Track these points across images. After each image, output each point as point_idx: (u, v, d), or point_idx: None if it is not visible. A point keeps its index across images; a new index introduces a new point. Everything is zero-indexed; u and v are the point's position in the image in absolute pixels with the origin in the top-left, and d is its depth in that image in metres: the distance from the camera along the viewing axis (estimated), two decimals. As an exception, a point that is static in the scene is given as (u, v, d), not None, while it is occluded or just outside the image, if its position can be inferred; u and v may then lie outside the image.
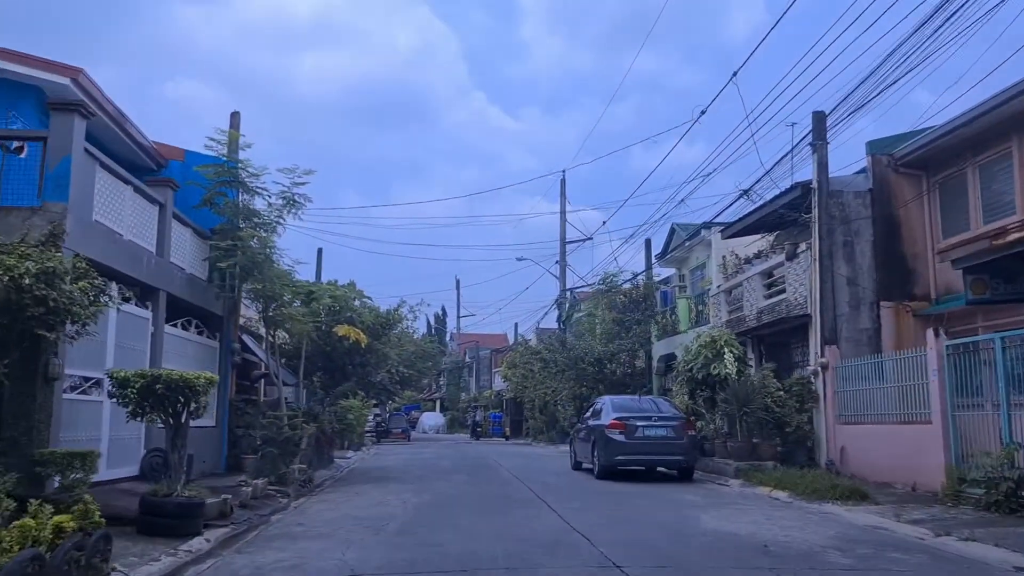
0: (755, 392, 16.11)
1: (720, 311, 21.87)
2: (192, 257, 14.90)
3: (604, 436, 16.15)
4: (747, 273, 19.93)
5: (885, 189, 16.77)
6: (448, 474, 18.11)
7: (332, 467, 19.35)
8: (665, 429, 16.02)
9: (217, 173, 15.28)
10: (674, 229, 28.11)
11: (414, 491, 14.12)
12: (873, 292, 16.51)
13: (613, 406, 16.84)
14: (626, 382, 27.03)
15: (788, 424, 16.10)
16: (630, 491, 14.03)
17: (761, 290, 19.14)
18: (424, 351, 42.12)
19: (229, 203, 15.32)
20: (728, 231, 20.87)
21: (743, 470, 15.55)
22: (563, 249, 41.80)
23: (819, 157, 16.53)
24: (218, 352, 16.39)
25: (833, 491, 12.26)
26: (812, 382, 16.39)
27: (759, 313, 18.99)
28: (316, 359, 19.29)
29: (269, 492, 12.81)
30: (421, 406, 73.16)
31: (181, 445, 9.36)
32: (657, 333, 26.82)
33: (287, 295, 15.60)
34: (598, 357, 26.32)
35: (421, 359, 41.49)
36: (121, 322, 11.76)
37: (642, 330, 26.10)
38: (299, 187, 15.82)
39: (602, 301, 28.89)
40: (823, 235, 16.34)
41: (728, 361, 16.59)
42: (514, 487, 14.94)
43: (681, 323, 25.19)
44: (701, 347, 17.32)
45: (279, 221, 16.01)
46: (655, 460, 16.26)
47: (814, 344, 16.46)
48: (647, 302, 26.46)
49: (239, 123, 17.28)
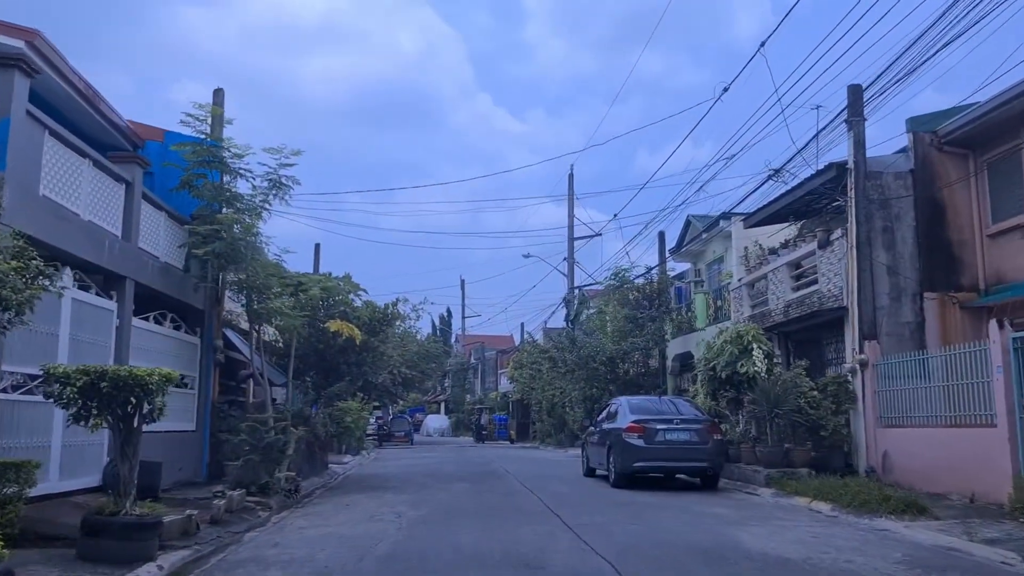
0: (787, 392, 14.65)
1: (742, 306, 20.42)
2: (167, 244, 13.52)
3: (621, 441, 14.72)
4: (773, 264, 18.48)
5: (928, 169, 15.31)
6: (450, 482, 16.70)
7: (325, 474, 17.96)
8: (688, 433, 14.58)
9: (196, 153, 13.92)
10: (689, 221, 26.69)
11: (411, 502, 12.71)
12: (916, 282, 15.04)
13: (630, 408, 15.41)
14: (640, 382, 25.57)
15: (823, 427, 14.64)
16: (652, 502, 12.59)
17: (789, 282, 17.69)
18: (428, 351, 40.69)
19: (209, 185, 13.96)
20: (751, 219, 19.41)
21: (774, 478, 14.10)
22: (571, 245, 40.42)
23: (856, 134, 15.08)
24: (199, 349, 15.01)
25: (884, 503, 10.79)
26: (849, 381, 14.93)
27: (786, 307, 17.54)
28: (308, 357, 17.89)
29: (248, 504, 11.43)
30: (426, 408, 71.84)
31: (132, 454, 7.95)
32: (672, 331, 25.37)
33: (274, 286, 14.18)
34: (610, 356, 24.84)
35: (424, 360, 40.05)
36: (78, 313, 10.38)
37: (656, 327, 24.64)
38: (286, 168, 14.47)
39: (613, 297, 27.43)
40: (861, 220, 14.88)
41: (757, 358, 15.13)
42: (522, 497, 13.52)
43: (698, 320, 23.74)
44: (726, 343, 15.87)
45: (264, 206, 14.65)
46: (677, 467, 14.84)
47: (851, 339, 15.00)
48: (661, 298, 24.98)
49: (223, 100, 15.92)
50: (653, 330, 24.51)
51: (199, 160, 13.90)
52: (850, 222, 15.06)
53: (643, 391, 23.96)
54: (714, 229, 23.98)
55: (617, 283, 25.64)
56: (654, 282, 25.69)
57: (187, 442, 14.39)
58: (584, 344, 25.83)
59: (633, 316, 25.47)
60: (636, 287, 25.38)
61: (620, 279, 25.73)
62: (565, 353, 26.52)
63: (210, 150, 13.93)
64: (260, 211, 14.66)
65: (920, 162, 15.32)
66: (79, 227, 10.40)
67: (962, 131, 14.82)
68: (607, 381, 25.24)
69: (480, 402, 57.83)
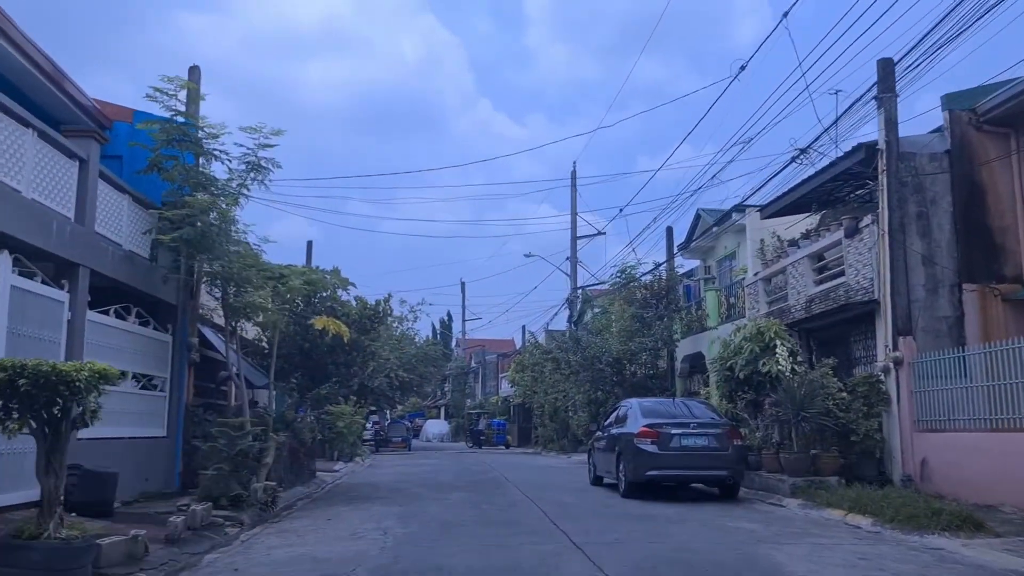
0: (813, 393, 13.36)
1: (757, 302, 19.14)
2: (131, 230, 12.26)
3: (632, 446, 13.44)
4: (793, 256, 17.20)
5: (966, 150, 14.04)
6: (446, 491, 15.41)
7: (312, 483, 16.66)
8: (706, 438, 13.29)
9: (165, 131, 12.67)
10: (699, 215, 25.41)
11: (401, 516, 11.43)
12: (953, 272, 13.77)
13: (642, 411, 14.12)
14: (647, 385, 24.27)
15: (854, 432, 13.35)
16: (668, 515, 11.30)
17: (811, 275, 16.41)
18: (426, 354, 39.41)
19: (179, 166, 12.70)
20: (769, 209, 18.13)
21: (801, 487, 12.82)
22: (574, 244, 39.18)
23: (887, 112, 13.82)
24: (170, 348, 13.74)
25: (935, 518, 9.49)
26: (882, 381, 13.64)
27: (808, 302, 16.26)
28: (293, 357, 16.65)
29: (216, 519, 10.13)
30: (425, 413, 70.56)
31: (59, 465, 6.69)
32: (680, 331, 24.06)
33: (252, 278, 12.90)
34: (616, 357, 23.49)
35: (423, 363, 38.79)
36: (20, 303, 9.13)
37: (665, 327, 23.33)
38: (266, 149, 13.23)
39: (619, 296, 26.13)
40: (893, 205, 13.61)
41: (781, 356, 13.83)
42: (524, 510, 12.23)
43: (710, 318, 22.46)
44: (745, 340, 14.57)
45: (242, 191, 13.41)
46: (694, 475, 13.55)
47: (883, 335, 13.71)
48: (670, 296, 23.66)
49: (199, 78, 14.70)
50: (661, 329, 23.18)
51: (168, 139, 12.64)
52: (882, 207, 13.79)
53: (651, 394, 22.65)
54: (726, 223, 22.71)
55: (624, 280, 24.33)
56: (662, 279, 24.34)
57: (156, 449, 13.13)
58: (589, 344, 24.48)
59: (640, 315, 24.16)
60: (644, 285, 24.05)
61: (627, 276, 24.43)
62: (569, 354, 25.20)
63: (181, 129, 12.68)
64: (237, 196, 13.44)
65: (957, 142, 14.06)
66: (19, 205, 9.14)
67: (1003, 108, 13.56)
68: (613, 383, 23.91)
69: (481, 407, 56.52)
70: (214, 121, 13.43)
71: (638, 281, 24.47)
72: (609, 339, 23.96)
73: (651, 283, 23.86)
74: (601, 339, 24.33)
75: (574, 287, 37.80)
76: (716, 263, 26.13)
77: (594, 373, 23.83)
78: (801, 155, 14.50)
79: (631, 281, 24.32)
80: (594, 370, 23.73)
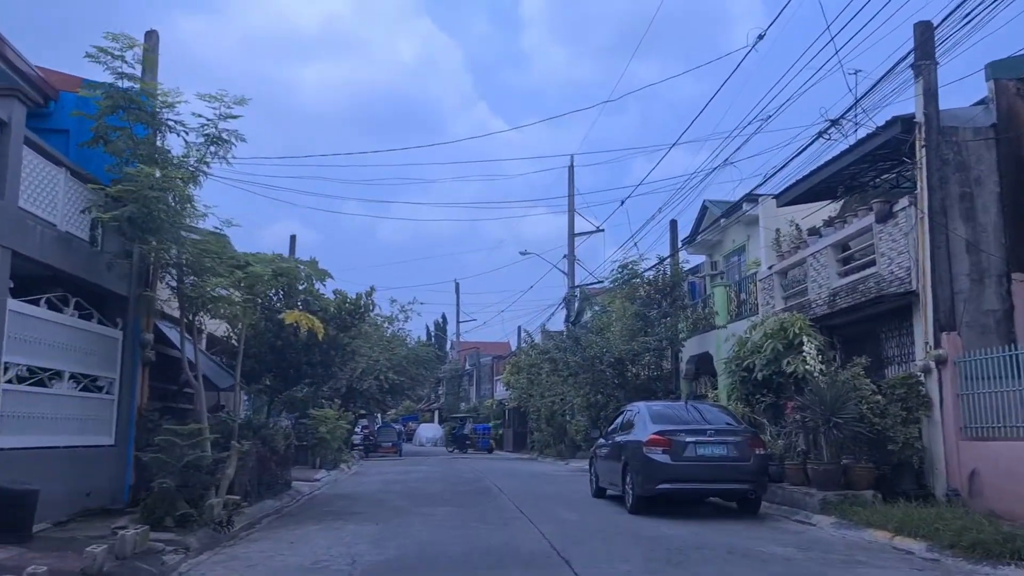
0: (846, 396, 11.85)
1: (772, 297, 17.64)
2: (68, 209, 10.67)
3: (641, 456, 11.91)
4: (814, 247, 15.70)
5: (1014, 123, 12.55)
6: (432, 505, 13.87)
7: (285, 495, 15.08)
8: (724, 447, 11.77)
9: (110, 98, 11.11)
10: (706, 207, 23.90)
11: (376, 538, 9.89)
12: (1001, 261, 12.28)
13: (651, 416, 12.59)
14: (651, 387, 22.72)
15: (891, 439, 11.83)
16: (686, 537, 9.78)
17: (834, 266, 14.91)
18: (418, 355, 37.86)
19: (126, 136, 11.15)
20: (787, 196, 16.61)
21: (833, 503, 11.31)
22: (571, 242, 37.73)
23: (925, 82, 12.32)
24: (120, 345, 12.18)
25: (1006, 545, 8.00)
26: (921, 383, 12.13)
27: (832, 296, 14.76)
28: (264, 357, 15.09)
29: (155, 545, 8.58)
30: (419, 417, 68.96)
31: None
32: (686, 330, 22.52)
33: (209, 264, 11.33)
34: (618, 357, 21.92)
35: (414, 365, 37.22)
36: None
37: (670, 325, 21.78)
38: (228, 121, 11.70)
39: (620, 293, 24.59)
40: (934, 185, 12.11)
41: (809, 354, 12.31)
42: (519, 529, 10.68)
43: (719, 316, 20.93)
44: (767, 337, 13.04)
45: (201, 168, 11.87)
46: (712, 489, 12.03)
47: (923, 331, 12.20)
48: (675, 292, 22.11)
49: (157, 45, 13.17)
50: (666, 328, 21.63)
51: (114, 106, 11.09)
52: (920, 187, 12.30)
53: (655, 397, 21.15)
54: (736, 214, 21.18)
55: (626, 276, 22.78)
56: (666, 275, 22.76)
57: (101, 460, 11.56)
58: (590, 344, 22.90)
59: (643, 313, 22.61)
60: (647, 281, 22.49)
61: (629, 272, 22.89)
62: (568, 354, 23.63)
63: (127, 95, 11.12)
64: (196, 173, 11.89)
65: (1004, 115, 12.58)
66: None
67: (1056, 76, 12.11)
68: (615, 386, 22.34)
69: (475, 410, 54.96)
70: (170, 87, 11.88)
71: (641, 277, 22.91)
72: (611, 338, 22.40)
73: (655, 279, 22.30)
74: (602, 338, 22.76)
75: (571, 285, 36.32)
76: (723, 258, 24.62)
77: (595, 374, 22.26)
78: (833, 126, 12.97)
79: (634, 277, 22.77)
80: (595, 371, 22.17)
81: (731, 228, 23.12)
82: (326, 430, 22.87)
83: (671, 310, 21.88)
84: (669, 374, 23.23)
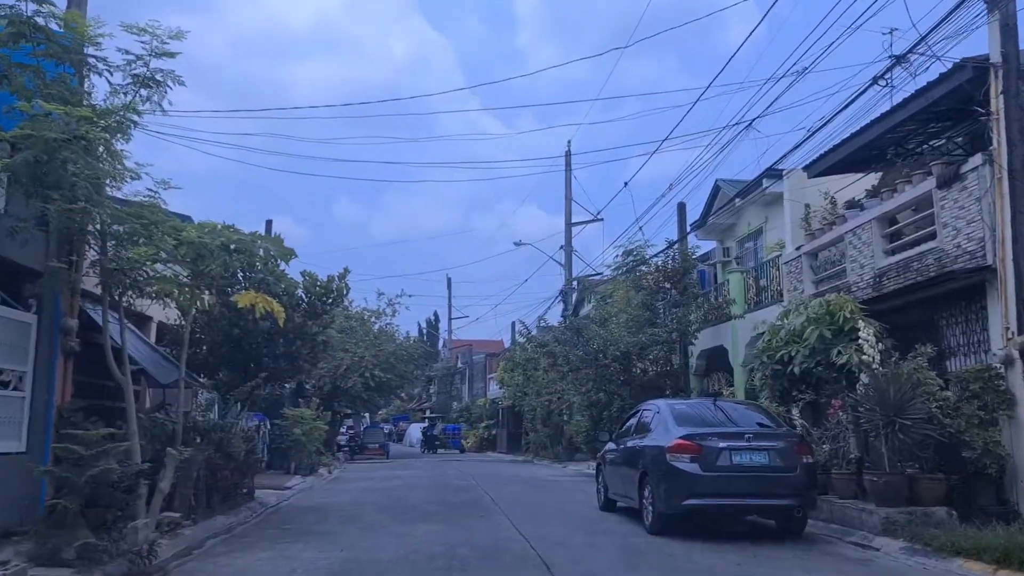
0: (912, 393, 9.80)
1: (800, 282, 15.64)
2: (-48, 159, 8.55)
3: (664, 465, 9.84)
4: (854, 221, 13.69)
5: (1108, 67, 10.54)
6: (413, 520, 11.77)
7: (245, 508, 12.96)
8: (766, 453, 9.71)
9: (13, 25, 8.98)
10: (718, 187, 21.86)
11: (335, 572, 7.80)
12: (1094, 230, 10.26)
13: (675, 416, 10.51)
14: (660, 385, 20.65)
15: (968, 444, 9.79)
16: (724, 568, 7.73)
17: (880, 243, 12.90)
18: (406, 351, 35.73)
19: (33, 72, 9.02)
20: (820, 165, 14.54)
21: (899, 523, 9.26)
22: (568, 231, 35.79)
23: (1003, 17, 10.31)
24: (34, 331, 10.05)
25: None
26: (1001, 376, 10.10)
27: (877, 277, 12.76)
28: (219, 348, 12.99)
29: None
30: (410, 416, 66.84)
31: None
32: (696, 321, 20.44)
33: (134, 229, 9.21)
34: (624, 351, 19.82)
35: (403, 362, 35.07)
36: None
37: (680, 315, 19.68)
38: (161, 59, 9.58)
39: (624, 283, 22.51)
40: (1014, 138, 10.08)
41: (866, 343, 10.22)
42: (517, 557, 8.59)
43: (735, 305, 18.91)
44: (810, 323, 10.96)
45: (130, 117, 9.73)
46: (751, 505, 9.95)
47: (1002, 314, 10.17)
48: (685, 279, 20.02)
49: (85, -25, 11.05)
50: (677, 318, 19.53)
51: (16, 34, 8.96)
52: (997, 142, 10.28)
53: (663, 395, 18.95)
54: (754, 192, 19.11)
55: (632, 263, 20.70)
56: (676, 261, 20.58)
57: (7, 470, 9.42)
58: (593, 336, 20.77)
59: (651, 303, 20.52)
60: (655, 267, 20.38)
61: (634, 258, 20.83)
62: (568, 348, 21.49)
63: (31, 23, 8.99)
64: (124, 124, 9.76)
65: (1095, 57, 10.56)
66: None
67: None
68: (620, 383, 20.25)
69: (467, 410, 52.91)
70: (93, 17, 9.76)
71: (648, 263, 20.82)
72: (616, 330, 20.29)
73: (664, 265, 20.20)
74: (606, 330, 20.64)
75: (569, 278, 34.33)
76: (736, 243, 22.60)
77: (598, 370, 20.15)
78: (897, 64, 10.86)
79: (640, 263, 20.68)
80: (598, 366, 20.06)
81: (746, 210, 21.09)
82: (301, 431, 20.79)
83: (682, 299, 19.79)
84: (678, 370, 21.14)
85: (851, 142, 13.56)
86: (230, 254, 11.14)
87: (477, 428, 47.31)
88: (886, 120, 12.37)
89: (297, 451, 20.72)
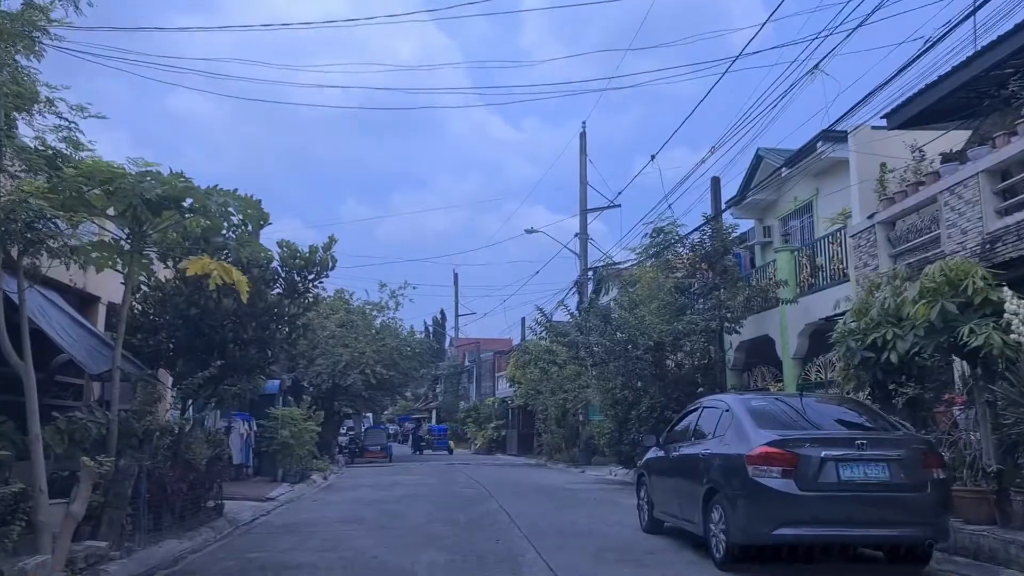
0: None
1: (873, 257, 13.18)
2: None
3: (745, 481, 7.35)
4: (950, 177, 11.21)
5: None
6: (412, 548, 9.32)
7: (206, 528, 10.53)
8: (885, 467, 7.22)
9: None
10: (760, 156, 19.37)
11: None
12: None
13: (753, 415, 8.02)
14: (696, 380, 18.15)
15: None
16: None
17: (992, 201, 10.45)
18: (410, 347, 33.34)
19: None
20: (904, 112, 12.07)
21: (1068, 560, 6.79)
22: (584, 219, 33.39)
23: None
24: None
25: None
26: None
27: (988, 243, 10.30)
28: (177, 332, 10.59)
29: None
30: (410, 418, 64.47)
31: None
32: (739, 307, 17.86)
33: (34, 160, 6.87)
34: (658, 341, 17.28)
35: (406, 358, 32.66)
36: None
37: (719, 301, 17.12)
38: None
39: (653, 266, 20.03)
40: None
41: (1015, 319, 7.71)
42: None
43: (786, 288, 16.40)
44: (925, 295, 8.42)
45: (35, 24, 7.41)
46: (867, 537, 7.44)
47: None
48: (723, 259, 17.46)
49: None
50: (716, 304, 17.01)
51: None
52: None
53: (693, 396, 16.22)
54: (807, 158, 16.59)
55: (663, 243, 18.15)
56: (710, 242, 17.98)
57: None
58: (622, 322, 18.19)
59: (686, 286, 18.01)
60: (691, 245, 17.83)
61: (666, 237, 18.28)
62: (593, 336, 18.90)
63: None
64: (29, 35, 7.41)
65: None
66: None
67: None
68: (652, 377, 17.73)
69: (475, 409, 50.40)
70: None
71: (683, 242, 18.30)
72: (647, 317, 17.75)
73: (700, 244, 17.65)
74: (637, 317, 18.09)
75: (584, 267, 31.89)
76: (779, 221, 20.10)
77: (627, 363, 17.63)
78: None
79: (673, 242, 18.14)
80: (627, 359, 17.53)
81: (792, 183, 18.56)
82: (290, 433, 18.41)
83: (721, 281, 17.26)
84: (711, 364, 18.59)
85: (945, 82, 11.11)
86: (182, 214, 8.81)
87: (486, 429, 44.92)
88: (987, 56, 9.92)
89: (285, 455, 18.33)
